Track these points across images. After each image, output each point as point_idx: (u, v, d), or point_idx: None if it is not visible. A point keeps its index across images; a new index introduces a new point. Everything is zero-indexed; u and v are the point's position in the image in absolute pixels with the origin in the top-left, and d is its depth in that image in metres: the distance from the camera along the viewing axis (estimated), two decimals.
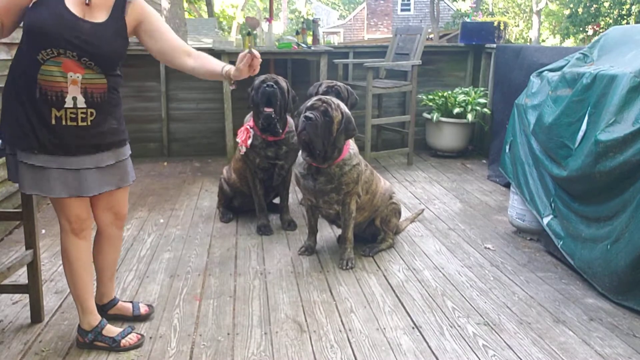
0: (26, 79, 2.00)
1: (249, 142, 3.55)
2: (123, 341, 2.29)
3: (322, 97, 2.99)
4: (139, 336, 2.36)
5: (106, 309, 2.47)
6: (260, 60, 2.17)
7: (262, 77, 3.60)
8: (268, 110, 3.48)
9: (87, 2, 2.04)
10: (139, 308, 2.53)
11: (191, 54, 2.23)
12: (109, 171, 2.19)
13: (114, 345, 2.28)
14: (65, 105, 2.01)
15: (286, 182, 3.83)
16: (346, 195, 3.08)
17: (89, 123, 2.07)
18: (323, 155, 2.97)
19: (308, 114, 2.88)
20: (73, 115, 2.03)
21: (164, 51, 2.22)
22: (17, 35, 3.51)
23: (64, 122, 2.02)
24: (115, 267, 2.52)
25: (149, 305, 2.58)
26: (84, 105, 2.04)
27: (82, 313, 2.28)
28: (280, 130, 3.58)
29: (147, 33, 2.19)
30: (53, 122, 2.01)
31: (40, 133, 2.02)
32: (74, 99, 2.02)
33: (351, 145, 3.11)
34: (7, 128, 2.08)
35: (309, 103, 2.97)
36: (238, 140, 3.60)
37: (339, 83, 4.08)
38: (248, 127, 3.59)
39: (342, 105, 3.00)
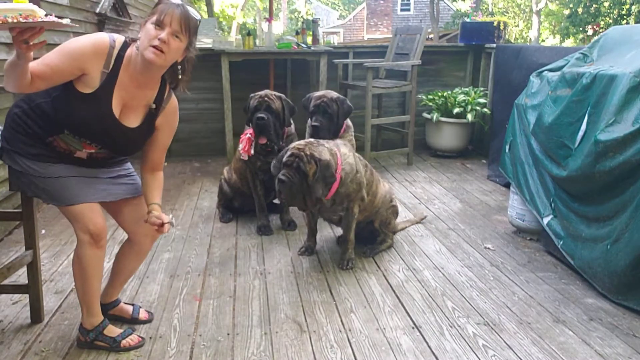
0: (43, 125, 2.07)
1: (252, 151, 3.58)
2: (123, 342, 2.30)
3: (295, 149, 2.85)
4: (140, 338, 2.36)
5: (107, 309, 2.47)
6: (166, 232, 2.23)
7: (257, 98, 3.54)
8: (262, 141, 3.52)
9: (153, 109, 2.15)
10: (138, 311, 2.53)
11: (154, 173, 2.32)
12: (122, 180, 2.31)
13: (114, 346, 2.28)
14: (68, 156, 2.15)
15: None
16: (350, 202, 3.08)
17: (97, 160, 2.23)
18: (311, 201, 2.91)
19: (281, 176, 2.82)
20: (73, 162, 2.16)
21: (145, 153, 2.30)
22: None
23: (64, 161, 2.15)
24: (131, 275, 2.57)
25: (149, 312, 2.58)
26: (85, 159, 2.18)
27: (86, 314, 2.29)
28: (277, 148, 3.57)
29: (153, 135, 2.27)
30: (55, 153, 2.13)
31: (49, 152, 2.12)
32: (79, 157, 2.16)
33: (343, 160, 2.99)
34: (21, 144, 2.11)
35: (284, 157, 2.87)
36: (240, 149, 3.61)
37: (327, 95, 3.77)
38: (250, 136, 3.59)
39: (317, 153, 2.84)
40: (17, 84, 1.85)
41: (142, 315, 2.53)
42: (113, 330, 2.32)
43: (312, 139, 3.00)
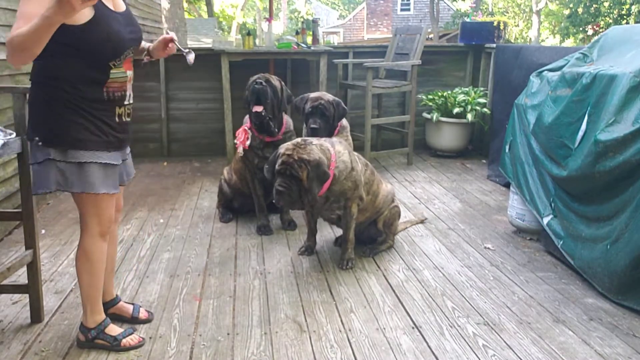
0: (90, 85, 2.04)
1: (247, 143, 3.56)
2: (124, 341, 2.31)
3: (285, 157, 2.85)
4: (141, 338, 2.36)
5: (107, 307, 2.46)
6: (174, 47, 2.32)
7: (257, 75, 3.61)
8: (257, 109, 3.49)
9: None
10: (138, 311, 2.53)
11: None
12: (128, 161, 2.38)
13: (114, 344, 2.28)
14: (125, 102, 2.17)
15: None
16: (347, 200, 3.07)
17: (130, 118, 2.26)
18: (309, 200, 2.93)
19: (278, 187, 2.85)
20: (128, 111, 2.22)
21: None
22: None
23: (124, 119, 2.19)
24: (113, 264, 2.54)
25: (149, 312, 2.58)
26: (132, 101, 2.24)
27: (90, 312, 2.28)
28: (276, 130, 3.58)
29: None
30: (117, 119, 2.15)
31: (105, 132, 2.10)
32: (130, 95, 2.20)
33: (338, 158, 2.99)
34: (57, 133, 2.04)
35: (276, 165, 2.88)
36: (236, 141, 3.61)
37: (324, 98, 3.78)
38: (246, 128, 3.59)
39: (306, 155, 2.84)
40: (38, 51, 1.82)
41: (142, 314, 2.53)
42: (114, 329, 2.33)
43: (299, 140, 2.99)
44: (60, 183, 2.07)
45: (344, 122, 3.96)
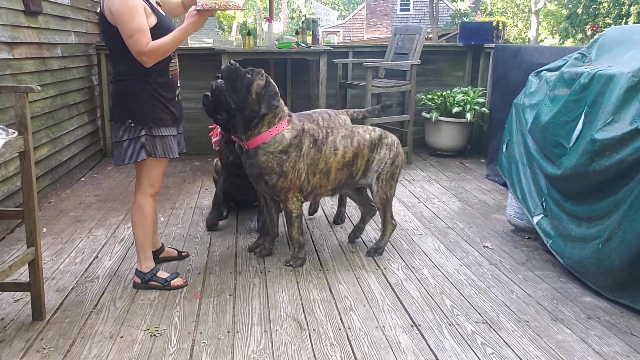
0: (159, 73, 2.60)
1: (216, 139, 3.64)
2: (173, 282, 2.80)
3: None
4: (184, 280, 2.87)
5: (157, 254, 3.02)
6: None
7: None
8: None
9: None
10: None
11: None
12: (181, 137, 2.86)
13: (165, 284, 2.78)
14: (178, 85, 2.76)
15: None
16: (275, 189, 2.95)
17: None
18: (240, 123, 2.86)
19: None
20: (179, 92, 2.77)
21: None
22: (20, 35, 3.53)
23: (179, 98, 2.76)
24: (156, 219, 3.10)
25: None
26: (177, 82, 2.77)
27: (143, 259, 2.78)
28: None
29: None
30: (177, 99, 2.74)
31: (171, 111, 2.67)
32: (179, 79, 2.76)
33: (286, 129, 2.92)
34: (145, 116, 2.59)
35: None
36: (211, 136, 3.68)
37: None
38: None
39: (270, 80, 2.90)
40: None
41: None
42: (163, 273, 2.83)
43: None
44: (149, 152, 2.63)
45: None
